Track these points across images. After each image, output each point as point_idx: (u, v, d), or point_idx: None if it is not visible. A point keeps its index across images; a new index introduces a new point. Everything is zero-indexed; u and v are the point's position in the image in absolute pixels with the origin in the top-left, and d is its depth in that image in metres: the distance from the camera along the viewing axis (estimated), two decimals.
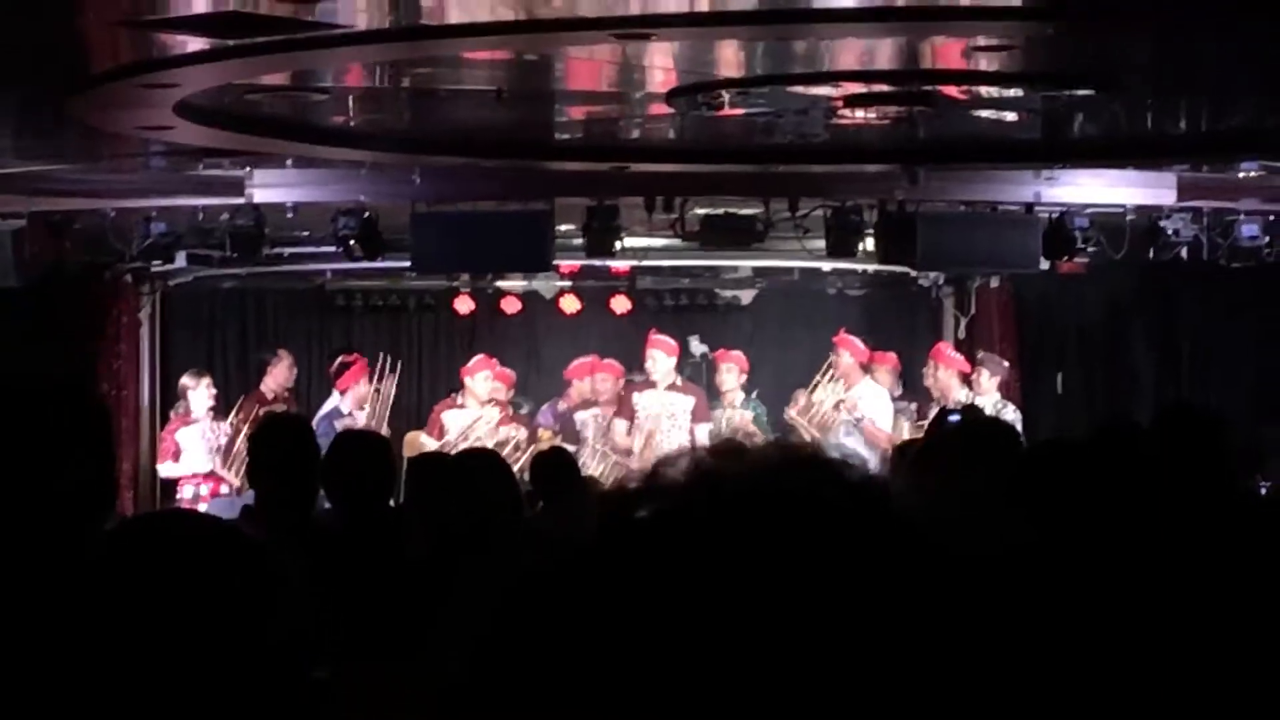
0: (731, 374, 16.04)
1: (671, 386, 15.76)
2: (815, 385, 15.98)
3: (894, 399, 16.05)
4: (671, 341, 16.01)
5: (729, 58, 9.78)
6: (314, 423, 11.39)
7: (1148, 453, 2.19)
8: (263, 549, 2.57)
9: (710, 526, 1.19)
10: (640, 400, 15.77)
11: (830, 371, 15.95)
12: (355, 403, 15.79)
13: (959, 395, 15.25)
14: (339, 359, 16.12)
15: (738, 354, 16.22)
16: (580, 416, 16.13)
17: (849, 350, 15.85)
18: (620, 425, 15.72)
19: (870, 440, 15.47)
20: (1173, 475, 2.22)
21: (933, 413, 15.25)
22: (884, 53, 9.71)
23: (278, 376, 16.08)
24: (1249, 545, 2.24)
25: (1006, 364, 16.04)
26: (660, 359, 15.69)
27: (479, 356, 16.33)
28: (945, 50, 9.60)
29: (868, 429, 15.54)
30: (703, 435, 15.43)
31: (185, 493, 15.31)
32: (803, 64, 9.89)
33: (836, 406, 15.76)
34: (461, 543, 5.70)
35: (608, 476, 13.99)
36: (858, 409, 15.58)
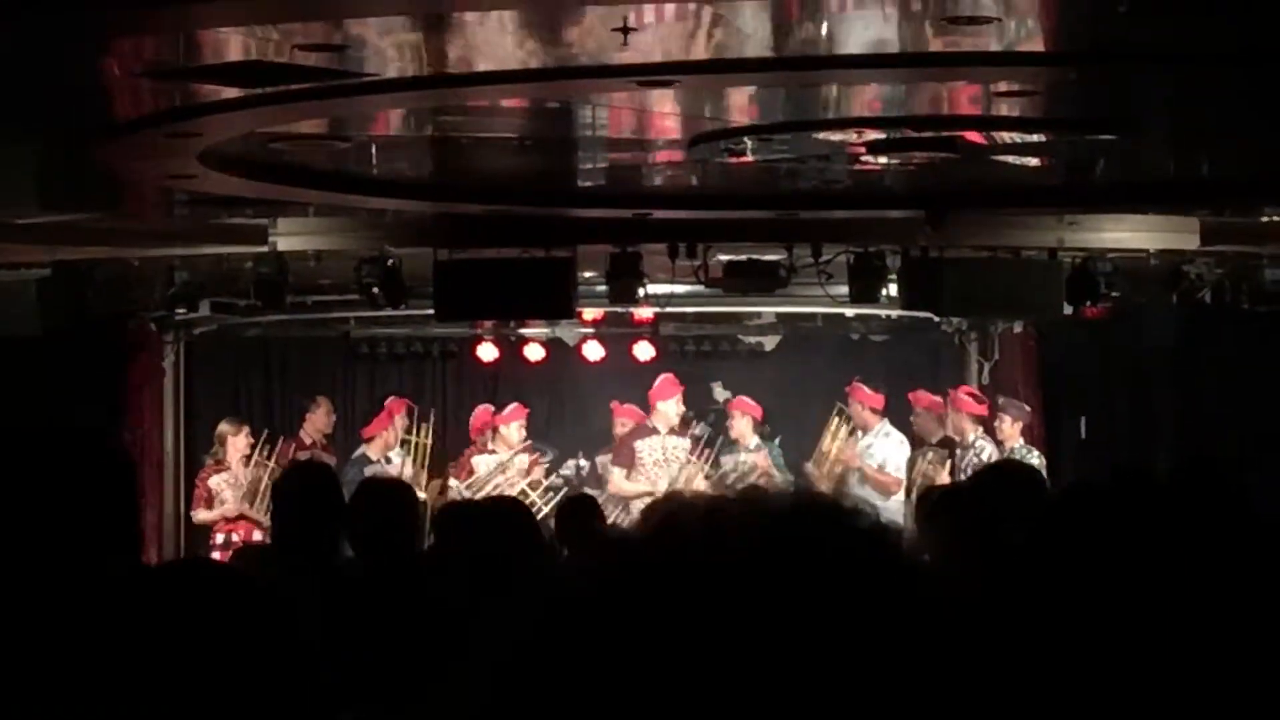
0: (744, 421, 16.21)
1: (672, 430, 15.89)
2: (824, 438, 16.22)
3: (933, 443, 15.96)
4: (673, 383, 16.12)
5: (750, 105, 9.78)
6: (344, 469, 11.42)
7: (1170, 498, 2.18)
8: (273, 595, 2.57)
9: (722, 576, 1.18)
10: (641, 447, 15.85)
11: (839, 424, 16.12)
12: (380, 449, 15.87)
13: (971, 438, 15.30)
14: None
15: (750, 402, 16.38)
16: (601, 460, 16.29)
17: (859, 399, 15.94)
18: (619, 472, 15.78)
19: (877, 487, 15.46)
20: (1194, 520, 2.21)
21: (959, 456, 15.33)
22: (906, 99, 9.71)
23: (316, 422, 16.26)
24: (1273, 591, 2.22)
25: (1028, 408, 16.04)
26: (670, 405, 15.90)
27: (513, 405, 16.44)
28: (967, 96, 9.60)
29: (871, 475, 15.55)
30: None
31: (218, 539, 15.40)
32: (825, 110, 9.89)
33: (842, 457, 15.92)
34: (486, 589, 5.69)
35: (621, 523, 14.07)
36: (857, 460, 15.67)
